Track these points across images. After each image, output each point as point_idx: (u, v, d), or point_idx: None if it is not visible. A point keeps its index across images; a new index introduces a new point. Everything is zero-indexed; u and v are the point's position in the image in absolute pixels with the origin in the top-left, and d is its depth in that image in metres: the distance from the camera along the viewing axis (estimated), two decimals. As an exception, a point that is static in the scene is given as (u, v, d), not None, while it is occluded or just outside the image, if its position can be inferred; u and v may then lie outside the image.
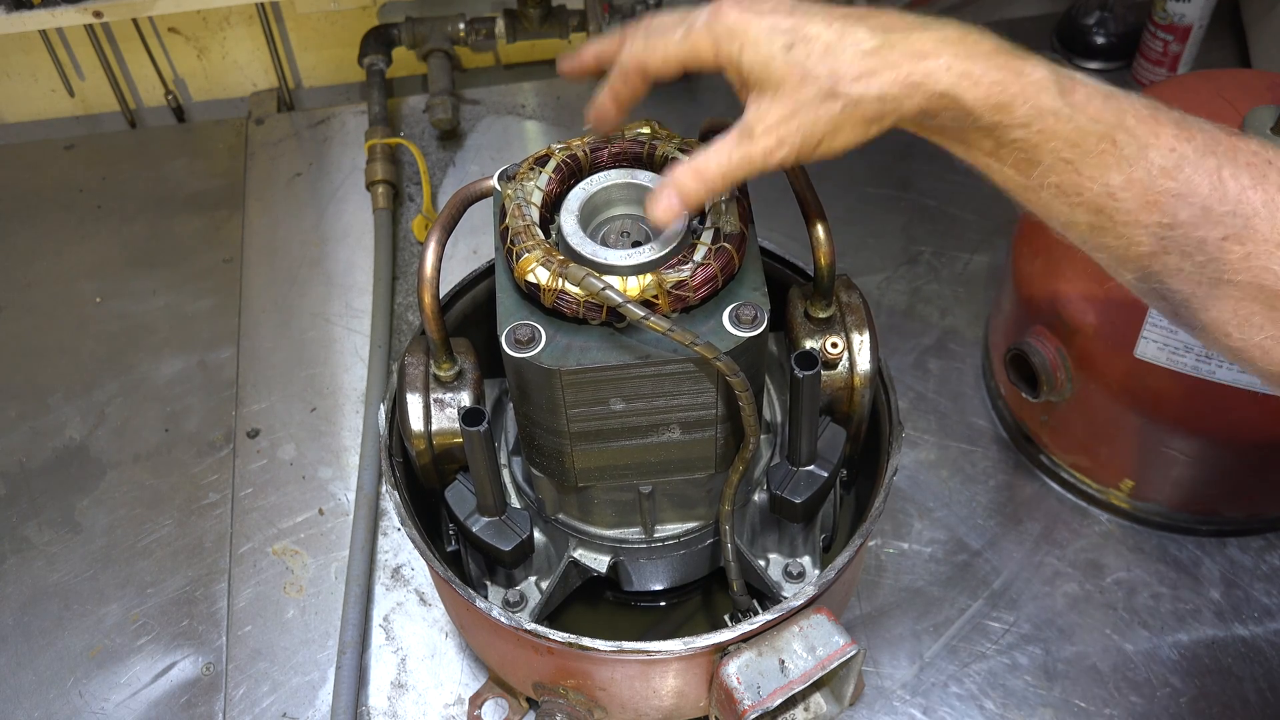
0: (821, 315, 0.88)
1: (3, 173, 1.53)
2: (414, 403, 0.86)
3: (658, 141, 0.79)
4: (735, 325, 0.74)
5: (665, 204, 0.69)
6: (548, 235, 0.77)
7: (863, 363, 0.88)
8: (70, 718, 1.07)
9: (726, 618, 0.88)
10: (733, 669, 0.81)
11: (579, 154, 0.79)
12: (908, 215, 1.42)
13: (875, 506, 0.87)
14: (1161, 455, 1.08)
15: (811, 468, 0.88)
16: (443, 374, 0.86)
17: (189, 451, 1.25)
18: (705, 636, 0.81)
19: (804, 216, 0.82)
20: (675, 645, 0.81)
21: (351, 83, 1.65)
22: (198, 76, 1.63)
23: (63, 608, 1.14)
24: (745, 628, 0.81)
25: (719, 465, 0.84)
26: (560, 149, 0.79)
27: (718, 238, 0.74)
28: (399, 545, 1.16)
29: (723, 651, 0.82)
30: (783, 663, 0.81)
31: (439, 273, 0.81)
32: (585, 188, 0.78)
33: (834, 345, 0.88)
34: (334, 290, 1.38)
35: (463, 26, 1.53)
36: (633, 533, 0.91)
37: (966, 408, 1.25)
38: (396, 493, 0.89)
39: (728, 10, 0.65)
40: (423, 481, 0.91)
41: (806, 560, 0.94)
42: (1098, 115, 0.62)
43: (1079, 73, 0.64)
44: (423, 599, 1.13)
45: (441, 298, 0.90)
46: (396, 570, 1.15)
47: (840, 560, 0.84)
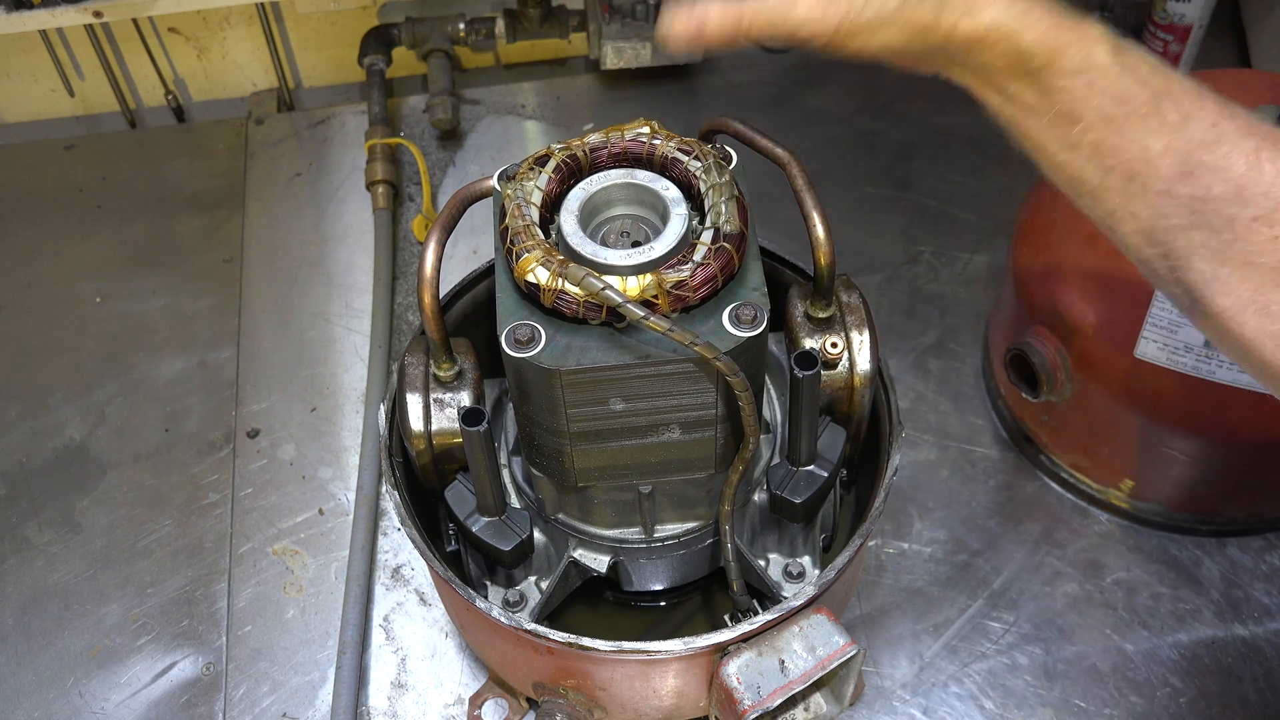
0: (821, 315, 0.88)
1: (3, 173, 1.53)
2: (414, 403, 0.86)
3: (658, 141, 0.79)
4: (735, 325, 0.74)
5: (684, 23, 0.65)
6: (547, 235, 0.77)
7: (863, 363, 0.88)
8: (70, 718, 1.07)
9: (726, 618, 0.88)
10: (733, 669, 0.81)
11: (579, 154, 0.79)
12: (908, 215, 1.42)
13: (875, 506, 0.87)
14: (1161, 455, 1.08)
15: (811, 468, 0.88)
16: (443, 374, 0.86)
17: (189, 451, 1.25)
18: (705, 636, 0.81)
19: (804, 216, 0.82)
20: (675, 645, 0.81)
21: (351, 83, 1.65)
22: (198, 76, 1.63)
23: (63, 608, 1.14)
24: (745, 628, 0.81)
25: (719, 465, 0.84)
26: (560, 149, 0.79)
27: (718, 238, 0.74)
28: (399, 545, 1.16)
29: (723, 651, 0.82)
30: (783, 663, 0.81)
31: (439, 273, 0.81)
32: (585, 188, 0.78)
33: (834, 345, 0.88)
34: (334, 290, 1.38)
35: (463, 26, 1.53)
36: (633, 533, 0.91)
37: (966, 408, 1.25)
38: (396, 493, 0.89)
39: None
40: (423, 481, 0.91)
41: (806, 560, 0.94)
42: (1146, 79, 0.62)
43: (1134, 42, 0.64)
44: (423, 599, 1.13)
45: (441, 298, 0.90)
46: (396, 570, 1.15)
47: (840, 560, 0.84)
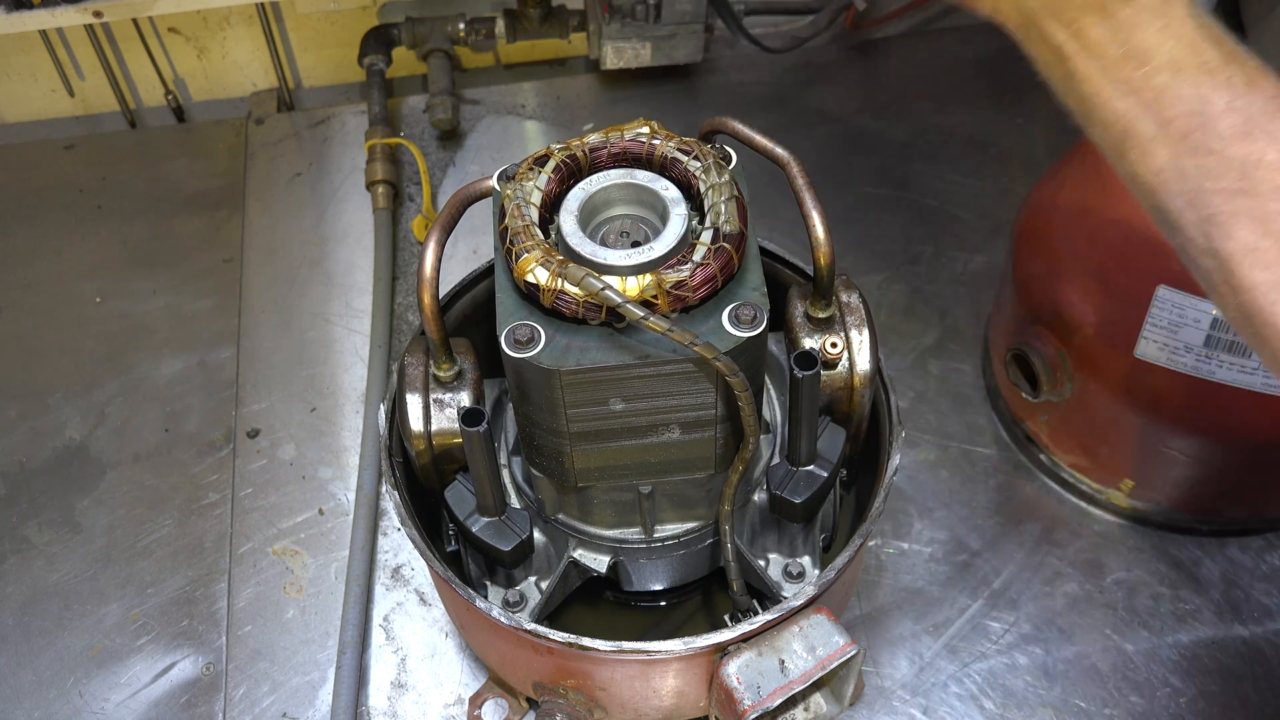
0: (821, 315, 0.88)
1: (3, 173, 1.53)
2: (414, 403, 0.86)
3: (657, 141, 0.79)
4: (735, 325, 0.74)
5: None
6: (547, 235, 0.77)
7: (862, 363, 0.88)
8: (70, 718, 1.07)
9: (726, 618, 0.88)
10: (733, 669, 0.81)
11: (578, 154, 0.79)
12: (908, 215, 1.42)
13: (875, 506, 0.87)
14: (1161, 455, 1.08)
15: (811, 468, 0.88)
16: (442, 374, 0.86)
17: (189, 451, 1.25)
18: (705, 636, 0.81)
19: (804, 216, 0.82)
20: (675, 645, 0.81)
21: (351, 83, 1.65)
22: (198, 76, 1.63)
23: (63, 608, 1.14)
24: (745, 628, 0.81)
25: (719, 465, 0.84)
26: (560, 149, 0.79)
27: (717, 238, 0.74)
28: (399, 545, 1.16)
29: (723, 651, 0.82)
30: (783, 663, 0.81)
31: (439, 273, 0.81)
32: (585, 188, 0.78)
33: (834, 345, 0.88)
34: (334, 290, 1.38)
35: (463, 26, 1.53)
36: (633, 533, 0.91)
37: (966, 408, 1.25)
38: (396, 493, 0.89)
39: None
40: (423, 481, 0.91)
41: (806, 560, 0.94)
42: (1218, 39, 0.64)
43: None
44: (423, 599, 1.13)
45: (441, 298, 0.90)
46: (396, 570, 1.15)
47: (840, 560, 0.84)
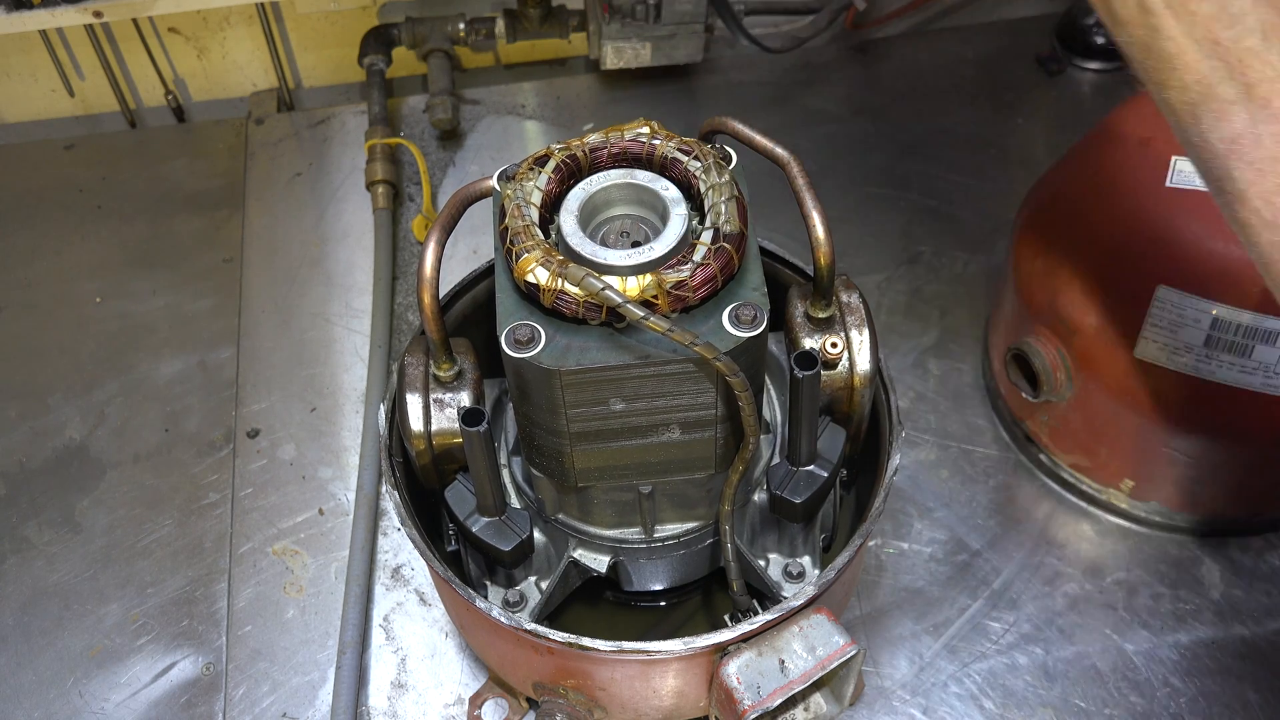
0: (821, 315, 0.88)
1: (3, 173, 1.53)
2: (414, 403, 0.86)
3: (657, 141, 0.79)
4: (735, 325, 0.74)
5: None
6: (547, 235, 0.77)
7: (862, 363, 0.88)
8: (70, 718, 1.07)
9: (726, 618, 0.88)
10: (733, 669, 0.81)
11: (578, 154, 0.79)
12: (908, 215, 1.42)
13: (875, 506, 0.87)
14: (1161, 455, 1.08)
15: (811, 468, 0.88)
16: (443, 374, 0.86)
17: (189, 451, 1.25)
18: (705, 636, 0.81)
19: (804, 216, 0.82)
20: (675, 645, 0.81)
21: (351, 83, 1.65)
22: (198, 76, 1.63)
23: (63, 608, 1.14)
24: (745, 628, 0.81)
25: (719, 465, 0.84)
26: (560, 149, 0.79)
27: (717, 238, 0.74)
28: (399, 545, 1.16)
29: (723, 651, 0.82)
30: (783, 663, 0.81)
31: (439, 273, 0.81)
32: (585, 188, 0.78)
33: (834, 345, 0.88)
34: (334, 290, 1.38)
35: (463, 26, 1.53)
36: (633, 533, 0.91)
37: (966, 408, 1.25)
38: (396, 493, 0.89)
39: None
40: (423, 481, 0.91)
41: (806, 560, 0.94)
42: None
43: None
44: (423, 599, 1.13)
45: (441, 298, 0.90)
46: (396, 570, 1.15)
47: (840, 560, 0.84)
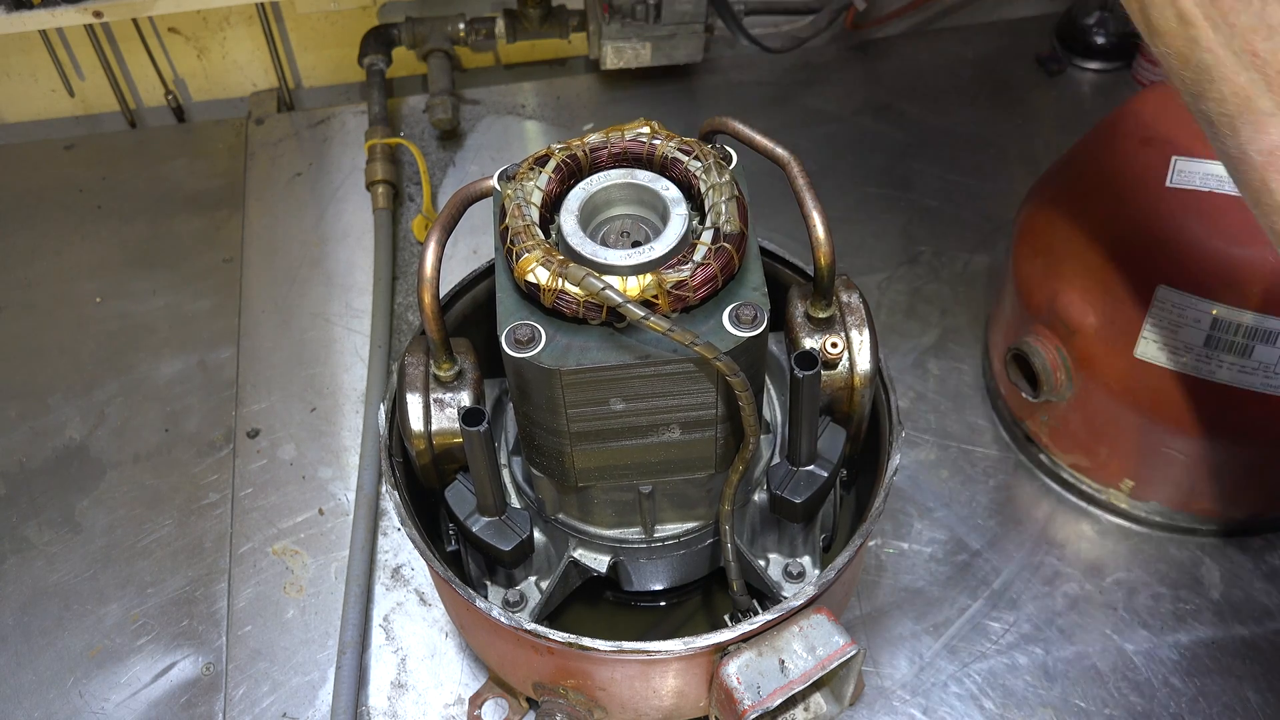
0: (821, 315, 0.88)
1: (3, 173, 1.53)
2: (414, 403, 0.86)
3: (658, 141, 0.79)
4: (735, 325, 0.74)
5: None
6: (548, 235, 0.77)
7: (863, 363, 0.88)
8: (70, 718, 1.07)
9: (726, 618, 0.88)
10: (733, 669, 0.81)
11: (579, 154, 0.79)
12: (908, 215, 1.42)
13: (875, 506, 0.87)
14: (1161, 455, 1.08)
15: (811, 468, 0.88)
16: (443, 374, 0.86)
17: (189, 451, 1.25)
18: (705, 636, 0.81)
19: (804, 216, 0.82)
20: (675, 645, 0.81)
21: (351, 83, 1.65)
22: (198, 76, 1.63)
23: (63, 608, 1.14)
24: (745, 628, 0.81)
25: (719, 465, 0.84)
26: (560, 149, 0.79)
27: (718, 238, 0.74)
28: (399, 545, 1.16)
29: (723, 651, 0.82)
30: (783, 663, 0.81)
31: (439, 273, 0.81)
32: (585, 188, 0.78)
33: (834, 345, 0.88)
34: (334, 290, 1.38)
35: (463, 26, 1.53)
36: (633, 533, 0.91)
37: (966, 408, 1.25)
38: (396, 493, 0.89)
39: None
40: (423, 481, 0.91)
41: (806, 560, 0.94)
42: None
43: None
44: (423, 599, 1.13)
45: (441, 298, 0.90)
46: (396, 570, 1.15)
47: (840, 560, 0.84)
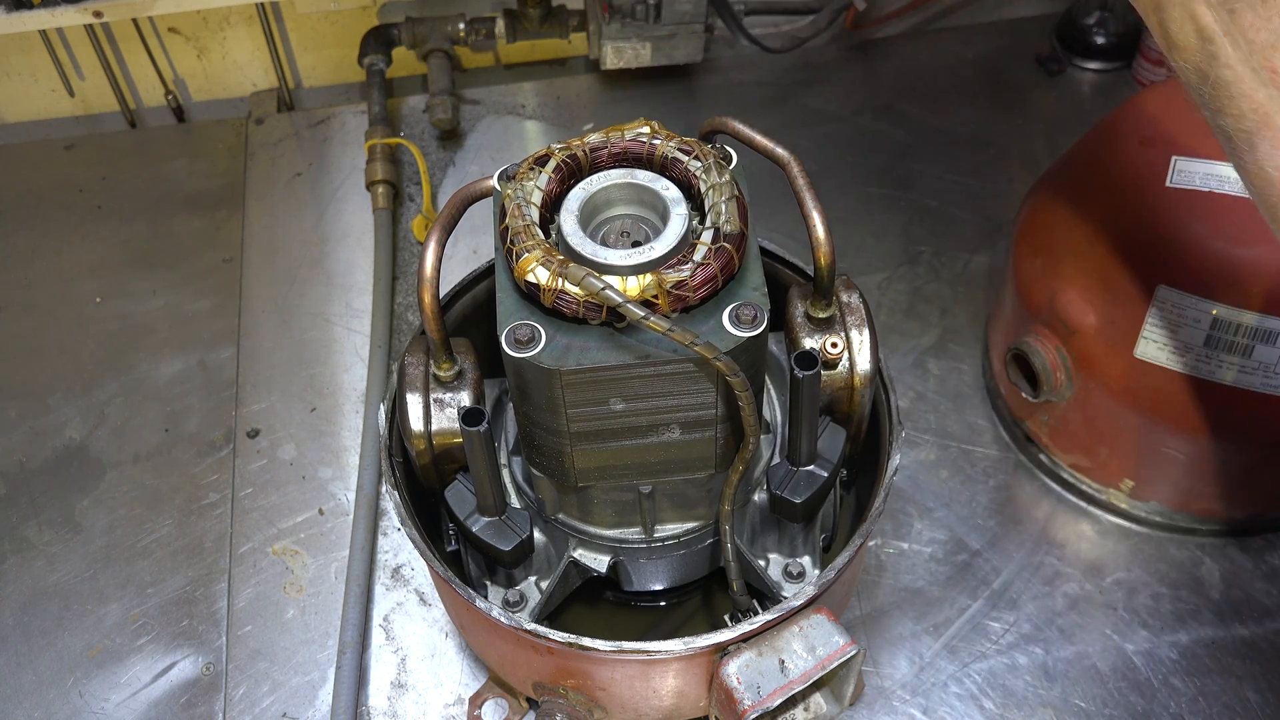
0: (821, 315, 0.88)
1: (3, 173, 1.53)
2: (414, 403, 0.86)
3: (658, 141, 0.79)
4: (735, 325, 0.74)
5: None
6: (548, 235, 0.77)
7: (863, 363, 0.88)
8: (70, 718, 1.07)
9: (726, 618, 0.88)
10: (733, 669, 0.81)
11: (579, 154, 0.79)
12: (908, 215, 1.42)
13: (875, 506, 0.87)
14: (1161, 455, 1.08)
15: (811, 468, 0.88)
16: (443, 374, 0.86)
17: (189, 451, 1.25)
18: (705, 636, 0.81)
19: (804, 216, 0.82)
20: (675, 645, 0.81)
21: (351, 83, 1.65)
22: (198, 76, 1.63)
23: (63, 608, 1.14)
24: (745, 628, 0.81)
25: (719, 465, 0.84)
26: (560, 149, 0.79)
27: (718, 238, 0.74)
28: (399, 545, 1.16)
29: (723, 651, 0.82)
30: (783, 663, 0.81)
31: (439, 273, 0.81)
32: (585, 188, 0.78)
33: (834, 345, 0.88)
34: (334, 290, 1.38)
35: (463, 26, 1.53)
36: (633, 533, 0.91)
37: (966, 408, 1.25)
38: (396, 493, 0.89)
39: None
40: (423, 481, 0.91)
41: (806, 560, 0.94)
42: None
43: None
44: (423, 599, 1.13)
45: (441, 298, 0.90)
46: (396, 570, 1.15)
47: (840, 560, 0.84)
